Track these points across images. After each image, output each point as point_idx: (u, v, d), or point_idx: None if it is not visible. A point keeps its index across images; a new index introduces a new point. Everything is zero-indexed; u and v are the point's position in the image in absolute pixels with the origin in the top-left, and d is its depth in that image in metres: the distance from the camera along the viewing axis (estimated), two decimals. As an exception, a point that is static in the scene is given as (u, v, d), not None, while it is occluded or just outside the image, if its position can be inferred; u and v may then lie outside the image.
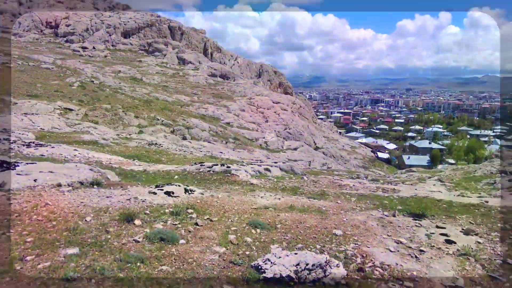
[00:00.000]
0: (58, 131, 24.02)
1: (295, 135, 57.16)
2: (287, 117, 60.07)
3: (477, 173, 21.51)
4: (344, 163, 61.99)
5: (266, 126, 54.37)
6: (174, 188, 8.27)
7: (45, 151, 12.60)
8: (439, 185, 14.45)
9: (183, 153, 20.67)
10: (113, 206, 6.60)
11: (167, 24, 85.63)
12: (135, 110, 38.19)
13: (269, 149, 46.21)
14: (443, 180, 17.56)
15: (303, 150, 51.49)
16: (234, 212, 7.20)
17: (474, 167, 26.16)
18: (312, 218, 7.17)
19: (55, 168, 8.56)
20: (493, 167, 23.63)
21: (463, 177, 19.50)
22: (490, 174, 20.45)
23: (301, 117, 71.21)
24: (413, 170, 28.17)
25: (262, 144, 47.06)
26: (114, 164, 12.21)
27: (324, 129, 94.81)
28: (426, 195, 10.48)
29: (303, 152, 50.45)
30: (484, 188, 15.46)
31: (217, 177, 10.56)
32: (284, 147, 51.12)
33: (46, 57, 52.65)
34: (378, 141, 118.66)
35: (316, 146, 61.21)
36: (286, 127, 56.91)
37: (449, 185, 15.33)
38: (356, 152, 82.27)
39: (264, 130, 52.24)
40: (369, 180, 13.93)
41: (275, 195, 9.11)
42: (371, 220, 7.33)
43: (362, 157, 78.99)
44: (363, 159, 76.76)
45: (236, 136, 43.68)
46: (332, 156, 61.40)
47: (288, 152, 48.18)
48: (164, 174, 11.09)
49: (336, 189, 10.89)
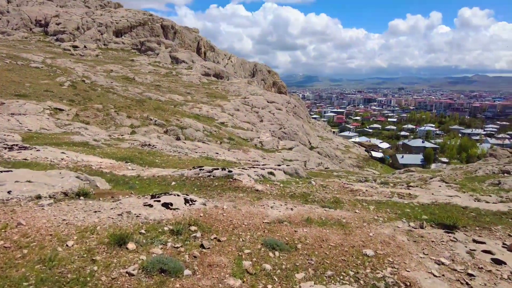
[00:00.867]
0: (47, 132, 22.82)
1: (290, 134, 56.32)
2: (282, 116, 59.21)
3: (478, 173, 20.87)
4: (339, 163, 61.41)
5: (261, 126, 53.45)
6: (173, 198, 7.22)
7: (29, 154, 11.42)
8: (444, 187, 13.65)
9: (177, 154, 19.63)
10: (101, 224, 5.52)
11: (159, 22, 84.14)
12: (128, 110, 36.99)
13: (264, 149, 45.29)
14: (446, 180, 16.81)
15: (298, 150, 50.70)
16: (245, 228, 6.22)
17: (474, 167, 25.55)
18: (334, 233, 6.29)
19: (35, 177, 7.44)
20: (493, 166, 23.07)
21: (465, 177, 18.82)
22: (492, 174, 19.81)
23: (295, 116, 70.46)
24: (411, 170, 27.50)
25: (257, 144, 46.12)
26: (104, 168, 11.08)
27: (318, 129, 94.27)
28: (447, 201, 9.60)
29: (298, 152, 49.65)
30: (490, 189, 14.74)
31: (218, 183, 9.54)
32: (279, 147, 50.29)
33: (35, 56, 51.05)
34: (371, 140, 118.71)
35: (311, 145, 60.48)
36: (281, 127, 56.06)
37: (455, 186, 14.55)
38: (350, 151, 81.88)
39: (259, 130, 51.30)
40: (378, 183, 13.04)
41: (286, 204, 8.15)
42: (399, 234, 6.44)
43: (356, 156, 78.60)
44: (357, 158, 76.36)
45: (231, 136, 42.68)
46: (327, 156, 60.73)
47: (283, 152, 47.34)
48: (160, 180, 10.01)
49: (349, 195, 9.95)
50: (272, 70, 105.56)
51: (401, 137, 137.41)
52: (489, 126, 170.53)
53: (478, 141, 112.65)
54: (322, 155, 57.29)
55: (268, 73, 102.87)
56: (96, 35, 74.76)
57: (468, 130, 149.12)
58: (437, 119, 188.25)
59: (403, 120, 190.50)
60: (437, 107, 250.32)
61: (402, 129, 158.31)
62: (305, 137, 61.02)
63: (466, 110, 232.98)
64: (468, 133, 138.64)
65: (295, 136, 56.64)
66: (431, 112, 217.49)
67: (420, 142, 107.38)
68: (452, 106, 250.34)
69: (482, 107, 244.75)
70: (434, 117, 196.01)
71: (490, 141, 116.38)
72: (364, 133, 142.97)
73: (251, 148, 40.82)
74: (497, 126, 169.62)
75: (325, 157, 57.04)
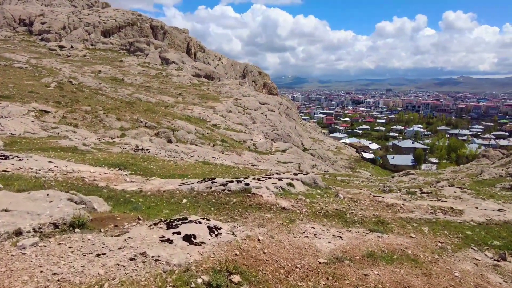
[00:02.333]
0: (32, 136, 21.63)
1: (283, 136, 55.80)
2: (274, 118, 58.64)
3: (483, 176, 20.52)
4: (332, 164, 61.14)
5: (254, 128, 52.73)
6: (194, 227, 5.95)
7: (9, 165, 9.92)
8: (460, 192, 13.16)
9: (173, 159, 18.76)
10: (110, 279, 4.04)
11: (149, 23, 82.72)
12: (117, 112, 35.85)
13: (258, 151, 44.58)
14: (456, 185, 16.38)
15: (292, 152, 50.17)
16: (301, 275, 4.99)
17: (474, 169, 25.31)
18: (411, 275, 5.28)
19: (15, 202, 5.90)
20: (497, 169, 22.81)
21: (472, 181, 18.44)
22: (500, 178, 19.49)
23: (288, 118, 70.01)
24: (411, 173, 27.17)
25: (250, 146, 45.38)
26: (99, 180, 9.93)
27: (310, 130, 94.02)
28: (504, 219, 8.72)
29: (292, 154, 49.14)
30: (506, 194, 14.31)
31: (236, 199, 8.43)
32: (273, 149, 49.69)
33: (19, 55, 49.34)
34: (361, 141, 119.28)
35: (304, 147, 60.07)
36: (274, 129, 55.47)
37: (470, 192, 14.06)
38: (341, 152, 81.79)
39: (252, 132, 50.59)
40: (404, 193, 12.28)
41: (328, 230, 7.23)
42: (487, 271, 5.64)
43: (347, 157, 78.54)
44: (349, 160, 76.28)
45: (224, 138, 41.84)
46: (320, 157, 60.37)
47: (277, 154, 46.77)
48: (168, 197, 8.73)
49: (388, 212, 8.97)
50: (263, 72, 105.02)
51: (390, 138, 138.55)
52: (475, 127, 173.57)
53: (465, 142, 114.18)
54: (315, 156, 56.91)
55: (259, 75, 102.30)
56: (83, 35, 73.01)
57: (455, 131, 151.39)
58: (425, 120, 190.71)
59: (391, 121, 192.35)
60: (424, 108, 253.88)
61: (391, 130, 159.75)
62: (298, 139, 60.59)
63: (452, 111, 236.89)
64: (455, 134, 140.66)
65: (288, 138, 56.13)
66: (418, 113, 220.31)
67: (410, 143, 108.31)
68: (438, 107, 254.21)
69: (467, 108, 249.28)
70: (421, 118, 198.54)
71: (476, 142, 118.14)
72: (353, 134, 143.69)
73: (244, 151, 40.05)
74: (482, 127, 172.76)
75: (318, 159, 56.65)
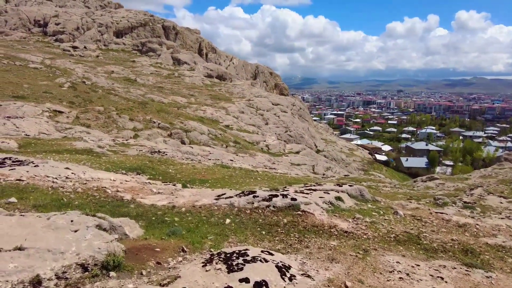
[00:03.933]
0: (46, 137, 21.28)
1: (296, 138, 54.91)
2: (287, 119, 57.82)
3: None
4: (345, 166, 60.08)
5: (267, 129, 52.02)
6: (259, 268, 4.86)
7: (24, 172, 9.08)
8: (506, 203, 12.24)
9: (190, 162, 18.17)
10: None
11: (161, 23, 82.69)
12: (130, 113, 35.52)
13: (271, 152, 43.87)
14: (492, 192, 15.42)
15: (305, 154, 49.29)
16: None
17: (504, 174, 24.18)
18: None
19: (32, 234, 4.57)
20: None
21: (509, 188, 17.39)
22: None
23: (301, 119, 69.09)
24: (435, 177, 26.15)
25: (263, 148, 44.69)
26: (123, 192, 9.03)
27: (322, 131, 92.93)
28: None
29: (306, 156, 48.28)
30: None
31: (287, 219, 7.57)
32: (286, 150, 48.87)
33: (34, 56, 49.50)
34: (373, 143, 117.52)
35: (317, 149, 59.07)
36: (286, 130, 54.64)
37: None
38: (354, 154, 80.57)
39: (265, 133, 49.88)
40: (461, 207, 11.34)
41: (411, 262, 6.31)
42: None
43: (360, 159, 77.34)
44: (362, 162, 75.10)
45: (237, 139, 41.25)
46: (334, 159, 59.32)
47: (290, 155, 45.97)
48: (207, 215, 7.84)
49: (465, 235, 7.97)
50: (274, 72, 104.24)
51: (402, 140, 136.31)
52: (490, 129, 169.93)
53: (480, 144, 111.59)
54: (329, 158, 55.90)
55: (270, 75, 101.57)
56: (96, 35, 73.25)
57: (470, 133, 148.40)
58: (438, 122, 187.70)
59: (403, 123, 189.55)
60: (436, 109, 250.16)
61: (403, 131, 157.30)
62: (311, 140, 59.64)
63: (466, 112, 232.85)
64: (469, 136, 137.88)
65: (301, 139, 55.24)
66: (430, 114, 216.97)
67: (423, 144, 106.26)
68: (451, 108, 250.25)
69: (481, 109, 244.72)
70: (434, 119, 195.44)
71: (492, 144, 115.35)
72: (365, 136, 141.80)
73: (257, 152, 39.37)
74: (498, 129, 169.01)
75: (332, 161, 55.62)
